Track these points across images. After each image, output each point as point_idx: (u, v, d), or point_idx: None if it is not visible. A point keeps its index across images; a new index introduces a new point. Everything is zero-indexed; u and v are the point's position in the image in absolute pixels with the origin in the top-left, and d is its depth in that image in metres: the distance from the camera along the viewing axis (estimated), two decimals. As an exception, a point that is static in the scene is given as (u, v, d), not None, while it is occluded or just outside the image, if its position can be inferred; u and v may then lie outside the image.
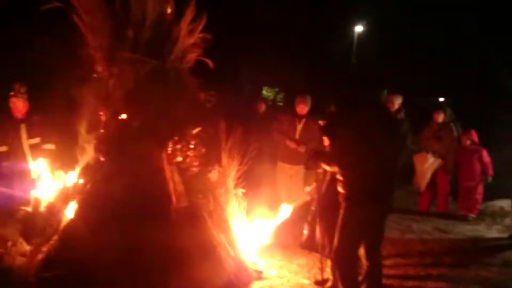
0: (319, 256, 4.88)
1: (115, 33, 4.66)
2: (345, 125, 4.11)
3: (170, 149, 4.71)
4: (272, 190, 7.31)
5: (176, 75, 4.86)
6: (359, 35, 23.83)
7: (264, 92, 20.34)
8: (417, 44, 23.19)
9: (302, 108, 7.16)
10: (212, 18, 4.88)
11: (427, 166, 8.10)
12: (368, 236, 4.11)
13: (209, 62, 5.00)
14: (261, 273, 5.09)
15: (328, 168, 4.32)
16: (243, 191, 5.37)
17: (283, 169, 7.26)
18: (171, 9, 4.89)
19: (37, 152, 6.10)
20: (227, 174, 5.21)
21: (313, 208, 5.03)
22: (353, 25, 23.54)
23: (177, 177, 4.67)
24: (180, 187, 4.67)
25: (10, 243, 5.19)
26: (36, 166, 5.91)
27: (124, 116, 4.78)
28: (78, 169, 4.99)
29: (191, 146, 4.80)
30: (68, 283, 4.24)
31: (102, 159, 4.77)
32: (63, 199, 4.93)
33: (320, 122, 4.77)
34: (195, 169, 4.86)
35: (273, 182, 7.38)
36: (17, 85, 6.08)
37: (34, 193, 5.36)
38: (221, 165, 5.20)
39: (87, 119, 4.98)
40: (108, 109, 4.83)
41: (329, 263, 4.60)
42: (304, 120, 7.13)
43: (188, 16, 4.78)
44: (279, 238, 5.74)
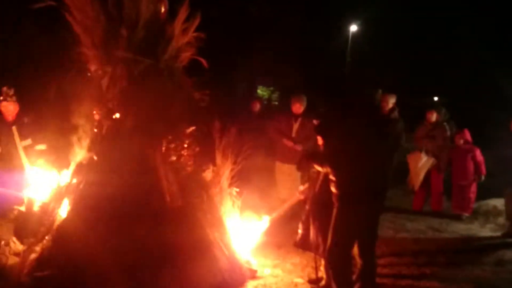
0: (313, 255, 4.88)
1: (108, 32, 4.64)
2: (337, 125, 4.12)
3: (164, 148, 4.70)
4: (267, 189, 7.32)
5: (170, 74, 4.85)
6: (353, 34, 23.91)
7: (259, 91, 20.37)
8: (411, 43, 23.30)
9: (298, 108, 7.21)
10: (206, 17, 4.87)
11: (421, 165, 8.13)
12: (361, 235, 4.12)
13: (203, 61, 5.00)
14: (255, 272, 5.09)
15: (320, 169, 4.34)
16: (237, 190, 5.37)
17: (281, 169, 7.27)
18: (164, 8, 4.88)
19: (29, 153, 6.09)
20: (221, 173, 5.21)
21: (307, 207, 5.03)
22: (348, 25, 23.61)
23: (171, 176, 4.67)
24: (174, 186, 4.67)
25: (3, 242, 5.19)
26: (30, 167, 5.89)
27: (117, 115, 4.76)
28: (71, 169, 4.97)
29: (185, 146, 4.80)
30: (61, 282, 4.23)
31: (96, 158, 4.76)
32: (56, 199, 4.92)
33: (314, 121, 4.77)
34: (189, 168, 4.86)
35: (267, 181, 7.38)
36: (4, 89, 6.04)
37: (28, 193, 5.34)
38: (215, 164, 5.20)
39: (80, 117, 4.97)
40: (102, 108, 4.82)
41: (323, 262, 4.61)
42: (300, 119, 7.20)
43: (182, 15, 4.78)
44: (273, 237, 5.75)
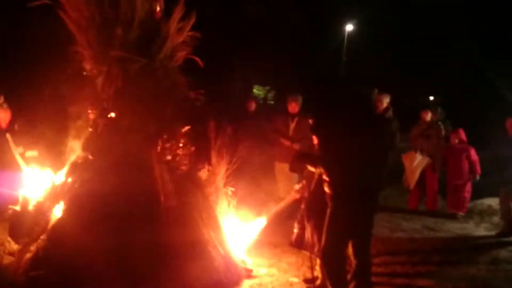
0: (308, 254, 4.89)
1: (103, 31, 4.63)
2: (332, 125, 4.12)
3: (159, 147, 4.70)
4: (263, 188, 7.33)
5: (165, 73, 4.84)
6: (349, 33, 23.94)
7: (255, 91, 20.34)
8: (406, 43, 23.35)
9: (294, 107, 7.31)
10: (201, 16, 4.87)
11: (416, 165, 8.16)
12: (354, 235, 4.13)
13: (198, 60, 4.99)
14: (250, 271, 5.09)
15: (313, 169, 4.34)
16: (233, 189, 5.37)
17: (281, 169, 7.29)
18: (160, 7, 4.87)
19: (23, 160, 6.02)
20: (216, 172, 5.21)
21: (302, 206, 5.04)
22: (343, 24, 23.64)
23: (166, 175, 4.66)
24: (170, 185, 4.66)
25: (-3, 242, 5.17)
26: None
27: (113, 115, 4.75)
28: (66, 168, 4.96)
29: (181, 145, 4.80)
30: (56, 282, 4.22)
31: (91, 157, 4.75)
32: (51, 198, 4.90)
33: (310, 121, 4.78)
34: (184, 168, 4.85)
35: (263, 180, 7.40)
36: None
37: (23, 192, 5.32)
38: (210, 163, 5.20)
39: (75, 117, 4.96)
40: (97, 107, 4.81)
41: (318, 261, 4.61)
42: (296, 118, 7.28)
43: (177, 14, 4.77)
44: (268, 236, 5.75)
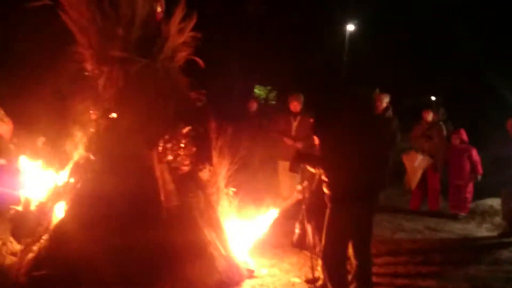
0: (310, 254, 4.89)
1: (104, 32, 4.64)
2: (333, 125, 4.12)
3: (160, 148, 4.70)
4: (265, 187, 7.34)
5: (166, 74, 4.85)
6: (350, 33, 23.93)
7: (256, 91, 20.36)
8: (408, 43, 23.33)
9: (296, 106, 7.37)
10: (202, 17, 4.87)
11: (417, 165, 8.15)
12: (354, 236, 4.12)
13: (199, 61, 5.00)
14: (252, 271, 5.09)
15: (312, 170, 4.34)
16: (234, 190, 5.37)
17: (284, 167, 7.31)
18: (161, 8, 4.88)
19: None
20: (218, 173, 5.21)
21: (304, 206, 5.04)
22: (344, 24, 23.63)
23: (167, 176, 4.67)
24: (171, 186, 4.67)
25: (0, 242, 5.17)
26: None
27: (114, 115, 4.76)
28: (68, 168, 4.97)
29: (182, 145, 4.80)
30: (58, 282, 4.22)
31: (93, 158, 4.76)
32: (53, 199, 4.91)
33: (312, 120, 4.79)
34: (185, 168, 4.86)
35: (264, 180, 7.41)
36: None
37: (25, 192, 5.33)
38: (211, 164, 5.19)
39: (77, 117, 4.97)
40: (99, 108, 4.82)
41: (320, 261, 4.61)
42: (299, 117, 7.33)
43: (178, 14, 4.78)
44: (270, 237, 5.74)
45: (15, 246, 4.98)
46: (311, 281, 4.86)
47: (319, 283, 4.71)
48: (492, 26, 21.09)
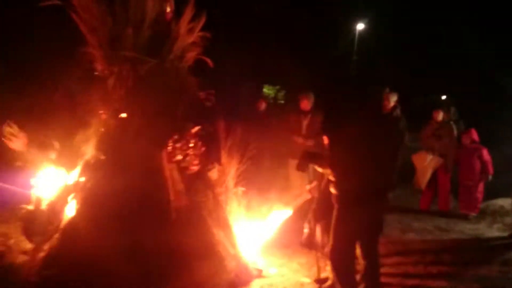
0: (318, 254, 4.88)
1: (114, 32, 4.66)
2: (342, 125, 4.11)
3: (169, 147, 4.72)
4: (274, 187, 7.32)
5: (176, 74, 4.86)
6: (360, 32, 23.82)
7: (265, 90, 20.35)
8: (418, 42, 23.19)
9: (306, 104, 7.40)
10: (211, 16, 4.88)
11: (427, 165, 8.10)
12: (362, 236, 4.11)
13: (208, 60, 5.01)
14: (261, 271, 5.10)
15: (320, 169, 4.33)
16: (243, 189, 5.37)
17: (294, 166, 7.30)
18: (170, 8, 4.90)
19: None
20: (227, 172, 5.22)
21: (313, 206, 5.04)
22: (354, 23, 23.54)
23: (176, 175, 4.69)
24: (180, 185, 4.69)
25: (12, 241, 5.23)
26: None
27: (124, 115, 4.79)
28: (79, 167, 5.01)
29: (191, 145, 4.81)
30: (69, 281, 4.25)
31: (103, 157, 4.79)
32: (64, 198, 4.95)
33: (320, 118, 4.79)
34: (194, 168, 4.87)
35: (273, 179, 7.40)
36: (6, 128, 5.43)
37: (36, 191, 5.37)
38: (220, 163, 5.21)
39: (87, 117, 5.00)
40: (108, 107, 4.85)
41: (328, 262, 4.60)
42: (309, 115, 7.35)
43: (188, 14, 4.79)
44: (279, 236, 5.74)
45: (26, 245, 5.03)
46: (320, 281, 4.85)
47: (328, 283, 4.70)
48: (503, 25, 20.91)
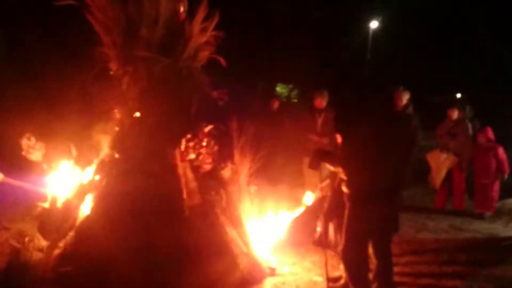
0: (332, 253, 4.87)
1: (128, 32, 4.69)
2: (356, 124, 4.09)
3: (183, 146, 4.74)
4: (287, 186, 7.33)
5: (189, 73, 4.89)
6: (374, 31, 23.64)
7: (278, 89, 20.31)
8: (433, 40, 22.96)
9: (320, 102, 7.41)
10: (224, 16, 4.89)
11: (441, 163, 8.03)
12: (373, 235, 4.09)
13: (221, 60, 5.03)
14: (274, 270, 5.10)
15: (331, 168, 4.32)
16: (256, 188, 5.38)
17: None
18: (183, 8, 4.92)
19: None
20: (239, 171, 5.23)
21: (326, 205, 5.02)
22: (368, 21, 23.36)
23: (190, 174, 4.72)
24: (193, 184, 4.72)
25: (27, 238, 5.29)
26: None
27: (138, 114, 4.83)
28: (94, 166, 5.06)
29: (204, 144, 4.84)
30: (83, 278, 4.31)
31: (117, 156, 4.83)
32: (79, 196, 5.01)
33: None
34: (207, 167, 4.89)
35: (286, 178, 7.40)
36: (24, 141, 5.52)
37: (51, 189, 5.44)
38: (233, 162, 5.22)
39: (102, 116, 5.06)
40: (123, 107, 4.89)
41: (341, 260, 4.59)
42: (323, 114, 7.35)
43: (201, 14, 4.81)
44: (292, 235, 5.74)
45: (42, 243, 5.09)
46: (333, 280, 4.84)
47: (341, 282, 4.69)
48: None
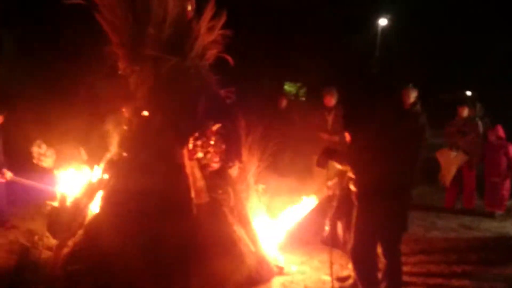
0: (329, 252, 4.83)
1: (136, 31, 4.70)
2: (362, 122, 4.07)
3: (191, 145, 4.74)
4: (295, 184, 7.30)
5: (197, 72, 4.89)
6: (383, 28, 23.51)
7: (286, 87, 20.28)
8: (442, 37, 22.76)
9: (329, 100, 7.44)
10: (232, 14, 4.89)
11: (451, 162, 7.97)
12: (382, 234, 4.06)
13: (229, 58, 5.02)
14: (282, 269, 5.09)
15: (339, 166, 4.29)
16: (264, 187, 5.37)
17: None
18: (191, 7, 4.93)
19: None
20: (247, 170, 5.23)
21: (334, 203, 5.00)
22: (377, 18, 23.24)
23: (197, 173, 4.71)
24: (201, 183, 4.71)
25: (37, 237, 5.34)
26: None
27: (145, 113, 4.84)
28: (102, 165, 5.08)
29: (212, 142, 4.83)
30: (92, 276, 4.33)
31: (125, 155, 4.84)
32: (88, 195, 5.03)
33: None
34: (215, 165, 4.89)
35: (294, 176, 7.38)
36: (35, 149, 5.60)
37: (61, 188, 5.48)
38: (241, 161, 5.21)
39: (110, 115, 5.08)
40: (131, 106, 4.90)
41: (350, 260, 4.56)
42: (333, 111, 7.37)
43: (208, 13, 4.81)
44: (300, 234, 5.73)
45: (51, 241, 5.13)
46: (342, 280, 4.82)
47: (350, 281, 4.67)
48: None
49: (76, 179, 5.53)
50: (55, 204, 5.39)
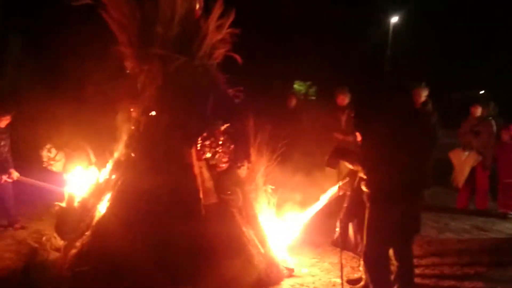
0: (340, 254, 4.76)
1: (144, 30, 4.69)
2: (373, 122, 3.99)
3: (199, 145, 4.70)
4: (304, 185, 7.23)
5: (205, 71, 4.86)
6: (394, 26, 23.31)
7: (295, 86, 20.20)
8: (455, 36, 22.55)
9: (342, 99, 7.45)
10: (240, 12, 4.84)
11: (463, 162, 7.85)
12: (395, 236, 3.98)
13: (237, 57, 4.97)
14: (292, 270, 5.03)
15: (350, 166, 4.22)
16: (273, 187, 5.32)
17: None
18: (199, 5, 4.89)
19: None
20: (256, 170, 5.18)
21: (345, 205, 4.93)
22: (388, 16, 23.05)
23: (206, 173, 4.67)
24: (209, 183, 4.67)
25: (45, 238, 5.34)
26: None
27: (154, 113, 4.80)
28: (110, 165, 5.06)
29: (220, 142, 4.79)
30: (100, 277, 4.31)
31: (133, 155, 4.82)
32: (96, 195, 5.01)
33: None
34: (224, 166, 4.84)
35: (303, 177, 7.31)
36: (44, 154, 5.66)
37: (68, 189, 5.46)
38: (250, 161, 5.17)
39: (118, 114, 5.05)
40: (139, 105, 4.87)
41: (361, 262, 4.49)
42: (347, 110, 7.35)
43: (217, 11, 4.77)
44: (310, 235, 5.67)
45: (59, 242, 5.12)
46: (353, 282, 4.75)
47: (361, 284, 4.60)
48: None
49: (84, 180, 5.51)
50: (63, 204, 5.38)
